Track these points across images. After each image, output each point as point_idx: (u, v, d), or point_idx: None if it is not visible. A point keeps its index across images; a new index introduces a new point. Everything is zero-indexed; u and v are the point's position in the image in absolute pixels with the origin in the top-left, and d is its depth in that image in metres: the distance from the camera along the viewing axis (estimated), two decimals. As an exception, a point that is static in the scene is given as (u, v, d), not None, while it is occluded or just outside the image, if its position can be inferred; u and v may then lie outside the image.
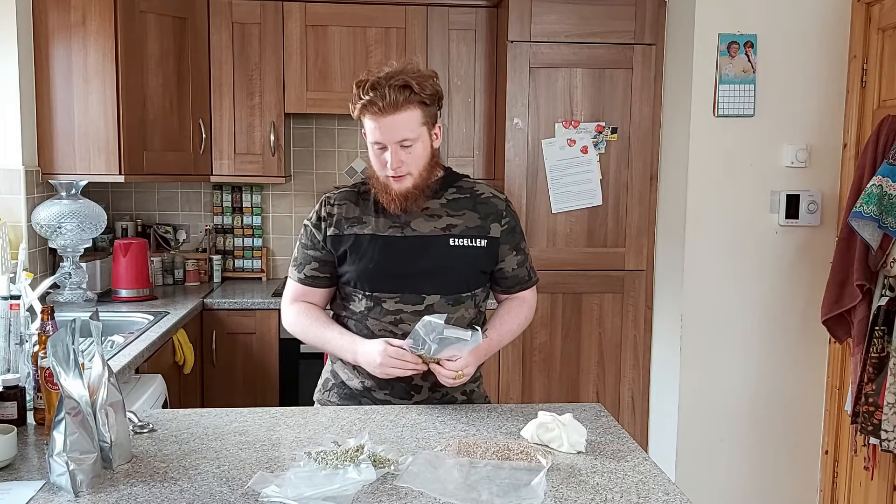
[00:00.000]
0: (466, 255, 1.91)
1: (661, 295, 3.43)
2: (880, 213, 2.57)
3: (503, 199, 1.99)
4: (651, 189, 3.45)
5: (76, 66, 3.12)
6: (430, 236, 1.90)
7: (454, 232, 1.91)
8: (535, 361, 3.47)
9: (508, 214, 1.97)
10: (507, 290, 2.04)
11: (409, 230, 1.90)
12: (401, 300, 1.89)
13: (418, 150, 1.85)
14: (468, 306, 1.94)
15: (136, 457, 1.56)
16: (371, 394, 1.95)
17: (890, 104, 2.83)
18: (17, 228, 3.02)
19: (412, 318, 1.87)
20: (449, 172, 1.99)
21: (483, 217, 1.94)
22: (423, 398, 1.94)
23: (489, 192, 1.99)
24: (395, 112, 1.79)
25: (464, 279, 1.93)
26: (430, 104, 1.84)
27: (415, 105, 1.81)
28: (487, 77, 3.61)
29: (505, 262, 1.98)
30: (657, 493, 1.44)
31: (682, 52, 3.23)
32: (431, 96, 1.84)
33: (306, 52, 3.53)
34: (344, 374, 1.99)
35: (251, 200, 3.93)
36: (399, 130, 1.81)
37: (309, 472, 1.44)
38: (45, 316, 1.75)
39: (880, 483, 2.82)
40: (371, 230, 1.91)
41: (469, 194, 1.96)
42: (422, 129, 1.84)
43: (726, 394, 3.22)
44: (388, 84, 1.78)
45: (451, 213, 1.92)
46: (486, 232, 1.93)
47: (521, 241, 2.01)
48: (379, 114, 1.79)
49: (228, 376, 3.39)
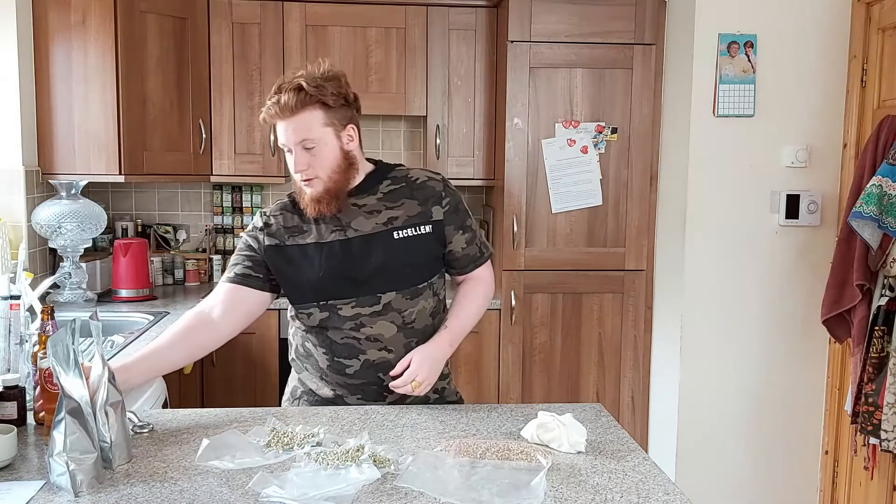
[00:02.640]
0: (413, 245, 1.88)
1: (661, 295, 3.43)
2: (880, 213, 2.57)
3: (440, 179, 1.95)
4: (651, 189, 3.45)
5: (76, 66, 3.12)
6: (374, 233, 1.86)
7: (396, 224, 1.87)
8: (535, 361, 3.47)
9: (448, 194, 1.93)
10: (462, 269, 2.00)
11: (351, 231, 1.86)
12: (357, 304, 1.85)
13: (324, 153, 1.82)
14: (426, 297, 1.91)
15: (136, 457, 1.56)
16: (343, 400, 1.93)
17: (890, 104, 2.83)
18: (17, 228, 3.02)
19: (372, 321, 1.85)
20: (380, 166, 1.96)
21: (423, 202, 1.90)
22: (397, 397, 1.92)
23: (424, 175, 1.94)
24: (291, 115, 1.79)
25: (416, 270, 1.89)
26: (332, 105, 1.82)
27: (313, 106, 1.80)
28: (487, 77, 3.61)
29: (453, 243, 1.94)
30: (657, 493, 1.44)
31: (682, 52, 3.23)
32: (334, 97, 1.82)
33: (306, 52, 3.53)
34: (312, 384, 1.97)
35: (251, 200, 3.93)
36: (298, 132, 1.80)
37: (311, 472, 1.43)
38: (45, 316, 1.75)
39: (880, 483, 2.82)
40: (314, 238, 1.88)
41: (405, 183, 1.92)
42: (325, 130, 1.81)
43: (726, 394, 3.22)
44: (285, 87, 1.80)
45: (389, 206, 1.89)
46: (428, 217, 1.90)
47: (465, 219, 1.96)
48: (277, 116, 1.81)
49: (228, 376, 3.39)
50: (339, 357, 1.88)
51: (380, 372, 1.89)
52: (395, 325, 1.87)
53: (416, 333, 1.90)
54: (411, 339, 1.90)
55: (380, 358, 1.88)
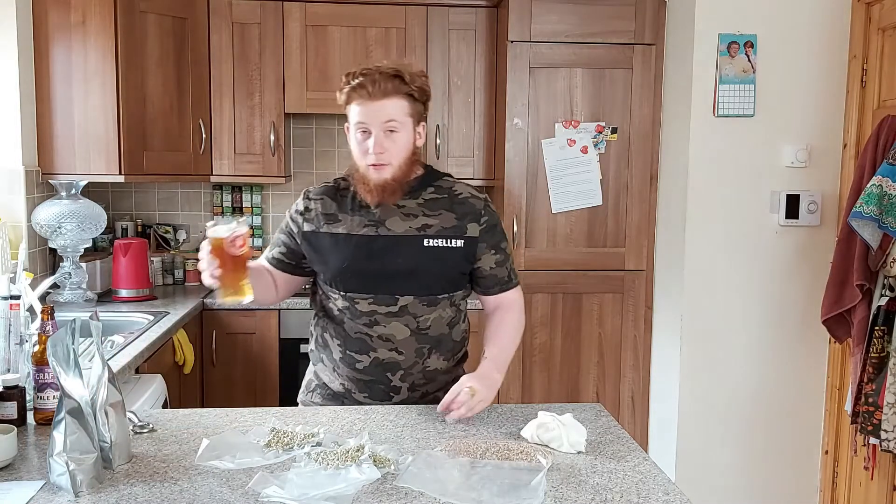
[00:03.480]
0: (441, 256, 1.88)
1: (661, 295, 3.44)
2: (880, 213, 2.57)
3: (482, 198, 1.96)
4: (651, 189, 3.45)
5: (76, 66, 3.12)
6: (404, 236, 1.87)
7: (429, 232, 1.88)
8: (535, 361, 3.47)
9: (487, 213, 1.94)
10: (486, 290, 1.99)
11: (383, 229, 1.87)
12: (374, 301, 1.87)
13: (402, 140, 1.84)
14: (444, 307, 1.92)
15: (136, 457, 1.56)
16: (351, 395, 1.95)
17: (890, 104, 2.83)
18: (17, 228, 3.02)
19: (386, 320, 1.87)
20: (429, 171, 1.97)
21: (460, 217, 1.91)
22: (403, 398, 1.93)
23: (468, 192, 1.95)
24: (383, 98, 1.81)
25: (438, 281, 1.90)
26: (417, 98, 1.85)
27: (402, 95, 1.83)
28: (487, 77, 3.61)
29: (482, 261, 1.94)
30: (657, 493, 1.44)
31: (682, 52, 3.23)
32: (420, 91, 1.85)
33: (306, 52, 3.53)
34: (325, 377, 1.99)
35: (251, 200, 3.93)
36: (385, 113, 1.81)
37: (311, 472, 1.43)
38: (45, 316, 1.75)
39: (880, 483, 2.82)
40: (345, 229, 1.89)
41: (447, 194, 1.93)
42: (407, 119, 1.85)
43: (726, 394, 3.22)
44: (380, 71, 1.81)
45: (427, 213, 1.90)
46: (462, 232, 1.90)
47: (501, 241, 1.97)
48: (367, 98, 1.81)
49: (228, 376, 3.39)
50: (351, 351, 1.90)
51: (388, 371, 1.90)
52: (408, 329, 1.88)
53: (429, 340, 1.91)
54: (424, 345, 1.90)
55: (389, 358, 1.89)
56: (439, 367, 1.95)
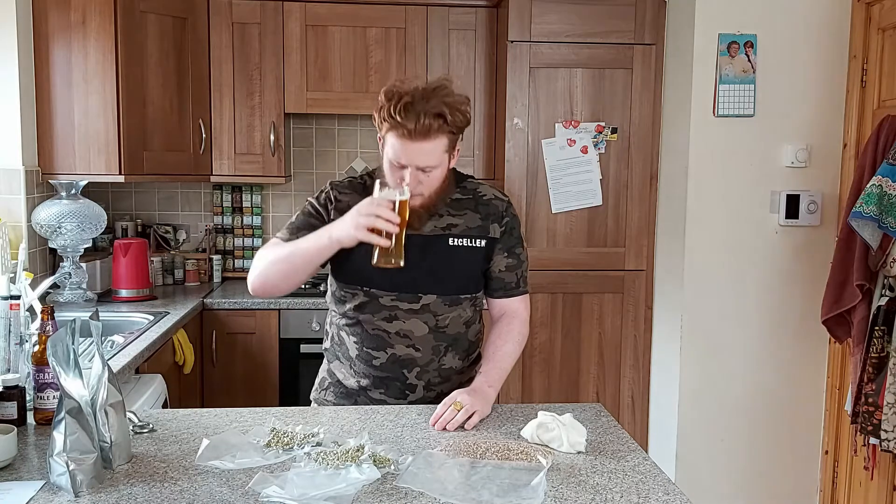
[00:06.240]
0: (465, 255, 1.90)
1: (661, 295, 3.43)
2: (880, 213, 2.57)
3: (505, 200, 1.98)
4: (651, 189, 3.45)
5: (76, 67, 3.12)
6: (431, 235, 1.89)
7: (454, 232, 1.90)
8: (535, 361, 3.47)
9: (508, 216, 1.96)
10: (492, 292, 2.00)
11: (409, 228, 1.88)
12: (397, 298, 1.88)
13: (436, 175, 1.83)
14: (465, 307, 1.94)
15: (136, 457, 1.56)
16: (367, 393, 1.95)
17: (890, 104, 2.83)
18: (17, 228, 3.02)
19: (406, 317, 1.87)
20: (453, 173, 1.97)
21: (484, 217, 1.93)
22: (418, 397, 1.94)
23: (492, 193, 1.98)
24: (423, 140, 1.75)
25: (462, 281, 1.92)
26: (456, 133, 1.81)
27: (444, 134, 1.78)
28: (487, 77, 3.61)
29: (494, 262, 1.95)
30: (657, 493, 1.44)
31: (682, 52, 3.23)
32: (460, 128, 1.81)
33: (306, 52, 3.53)
34: (340, 374, 1.99)
35: (251, 200, 3.93)
36: (423, 157, 1.78)
37: (311, 472, 1.43)
38: (45, 316, 1.75)
39: (880, 483, 2.82)
40: None
41: (472, 195, 1.96)
42: (444, 156, 1.82)
43: (726, 394, 3.22)
44: (424, 110, 1.73)
45: (452, 213, 1.92)
46: (486, 232, 1.93)
47: (516, 246, 1.98)
48: (407, 138, 1.75)
49: (228, 376, 3.39)
50: (368, 347, 1.91)
51: (404, 368, 1.91)
52: (427, 326, 1.89)
53: (446, 338, 1.92)
54: (441, 343, 1.91)
55: (406, 354, 1.90)
56: (454, 366, 1.95)
